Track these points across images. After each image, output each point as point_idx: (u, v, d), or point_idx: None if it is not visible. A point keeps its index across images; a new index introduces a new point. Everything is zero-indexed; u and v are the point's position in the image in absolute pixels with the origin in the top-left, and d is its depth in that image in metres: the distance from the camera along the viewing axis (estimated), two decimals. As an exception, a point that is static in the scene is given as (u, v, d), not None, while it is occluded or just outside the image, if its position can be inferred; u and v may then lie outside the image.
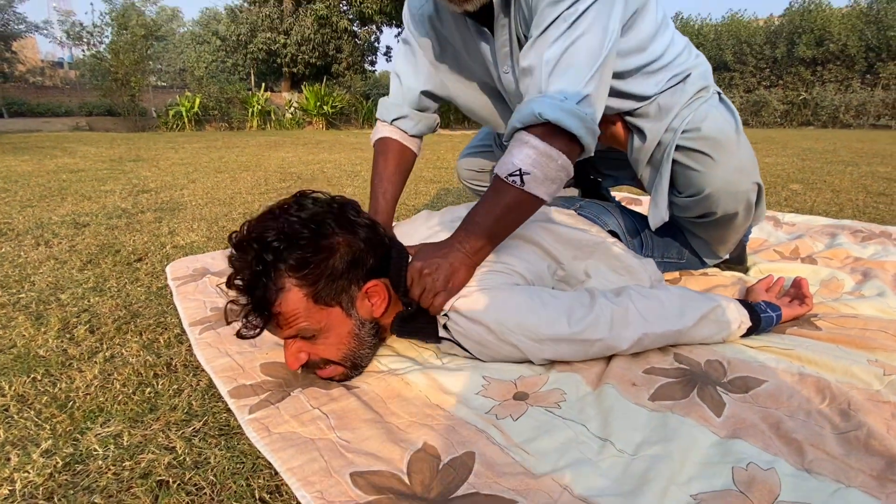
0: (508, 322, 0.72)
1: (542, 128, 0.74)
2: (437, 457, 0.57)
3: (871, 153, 4.73)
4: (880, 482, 0.52)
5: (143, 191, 2.61)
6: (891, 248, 1.36)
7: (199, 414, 0.69)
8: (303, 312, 0.68)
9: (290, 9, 16.05)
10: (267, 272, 0.66)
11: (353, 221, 0.73)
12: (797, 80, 13.52)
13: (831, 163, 3.90)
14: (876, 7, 12.67)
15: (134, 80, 11.29)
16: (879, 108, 12.18)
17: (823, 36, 12.97)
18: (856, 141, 6.73)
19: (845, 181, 2.89)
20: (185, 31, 29.22)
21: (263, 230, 0.67)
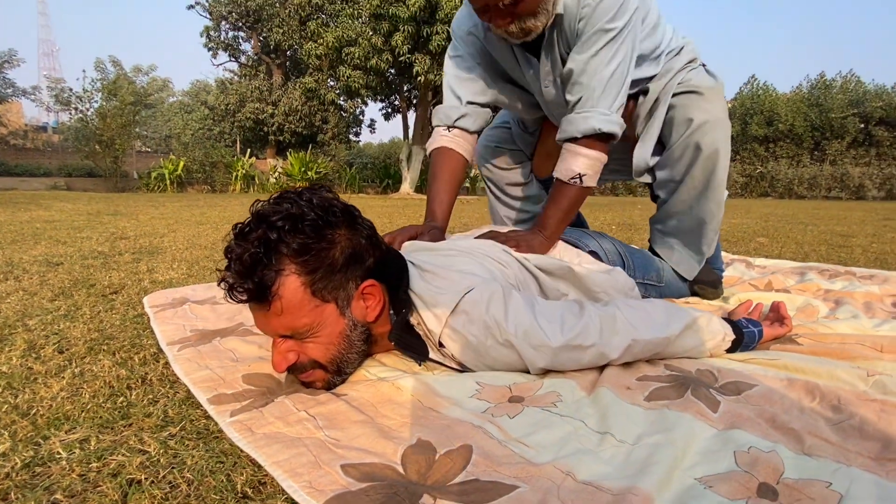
0: (509, 320, 0.72)
1: (592, 138, 1.02)
2: (433, 449, 0.55)
3: (827, 217, 5.05)
4: (879, 462, 0.51)
5: (122, 237, 2.57)
6: (857, 283, 1.42)
7: (175, 420, 0.65)
8: (298, 304, 0.67)
9: (279, 82, 16.89)
10: (268, 252, 0.65)
11: (357, 219, 0.74)
12: (753, 156, 14.60)
13: (792, 223, 4.14)
14: (815, 93, 14.08)
15: (119, 142, 11.43)
16: (829, 181, 13.15)
17: (772, 117, 14.23)
18: (811, 209, 7.19)
19: (807, 236, 3.06)
20: (174, 101, 30.16)
21: (271, 212, 0.67)
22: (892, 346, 0.84)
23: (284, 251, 0.66)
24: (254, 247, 0.65)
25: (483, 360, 0.74)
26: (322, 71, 12.66)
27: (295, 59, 17.27)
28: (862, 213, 5.90)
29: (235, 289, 0.65)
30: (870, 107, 13.41)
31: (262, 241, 0.65)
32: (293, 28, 13.69)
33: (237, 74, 18.38)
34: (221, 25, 17.14)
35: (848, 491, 0.46)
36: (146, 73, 28.78)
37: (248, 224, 0.68)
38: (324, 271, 0.68)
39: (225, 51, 17.71)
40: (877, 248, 2.49)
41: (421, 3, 9.64)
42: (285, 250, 0.66)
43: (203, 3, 16.71)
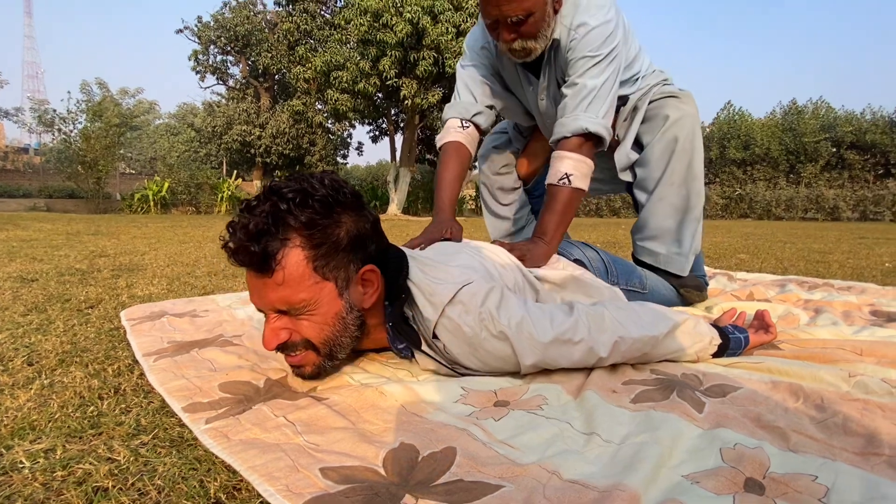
0: (502, 313, 0.72)
1: (580, 138, 1.11)
2: (416, 451, 0.53)
3: (805, 236, 5.18)
4: (863, 457, 0.51)
5: (101, 255, 2.52)
6: (835, 294, 1.45)
7: (147, 429, 0.62)
8: (298, 277, 0.66)
9: (266, 105, 16.99)
10: (276, 221, 0.65)
11: (364, 205, 0.75)
12: (732, 178, 15.00)
13: (771, 241, 4.23)
14: (788, 118, 14.61)
15: (102, 163, 11.32)
16: (805, 202, 13.53)
17: (749, 141, 14.69)
18: (789, 229, 7.37)
19: (786, 252, 3.12)
20: (160, 123, 30.09)
21: (283, 186, 0.68)
22: (872, 349, 0.85)
23: (292, 223, 0.66)
24: (261, 217, 0.65)
25: (476, 353, 0.73)
26: (310, 94, 12.80)
27: (283, 83, 17.44)
28: (837, 232, 6.06)
29: (239, 251, 0.65)
30: (840, 131, 13.94)
31: (270, 212, 0.66)
32: (282, 52, 13.86)
33: (225, 97, 18.44)
34: (210, 49, 17.28)
35: (834, 484, 0.46)
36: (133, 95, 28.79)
37: (258, 197, 0.68)
38: (328, 248, 0.68)
39: (213, 74, 17.81)
40: (853, 263, 2.55)
41: (408, 29, 9.87)
42: (293, 222, 0.66)
43: (192, 27, 16.87)
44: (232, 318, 1.18)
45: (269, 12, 16.89)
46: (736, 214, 14.25)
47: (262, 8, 17.26)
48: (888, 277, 2.00)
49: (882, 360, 0.82)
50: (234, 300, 1.36)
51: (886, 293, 1.48)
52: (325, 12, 13.35)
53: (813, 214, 13.30)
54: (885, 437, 0.54)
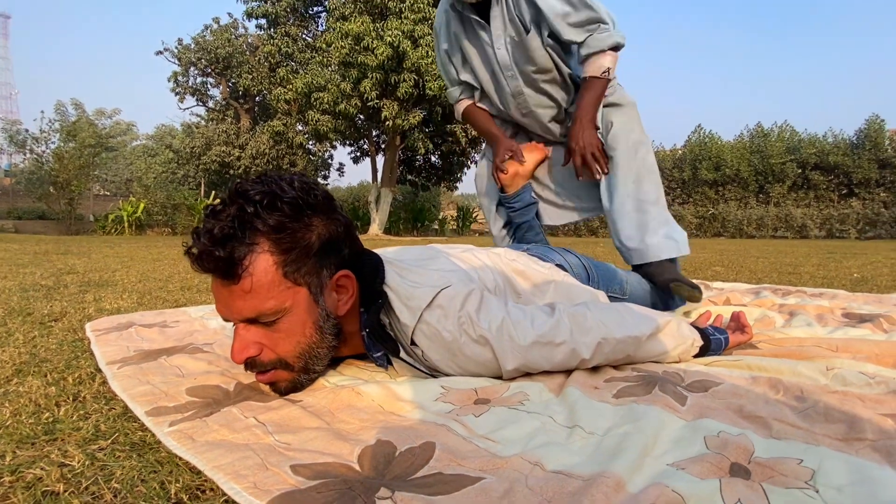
0: (481, 317, 0.70)
1: (613, 51, 1.26)
2: (393, 447, 0.51)
3: (776, 252, 5.33)
4: (847, 442, 0.51)
5: (70, 272, 2.43)
6: (808, 299, 1.48)
7: (106, 434, 0.58)
8: (268, 283, 0.63)
9: (247, 126, 16.93)
10: (243, 225, 0.62)
11: (337, 207, 0.72)
12: (704, 199, 15.43)
13: (745, 256, 4.34)
14: (756, 141, 15.20)
15: (75, 184, 11.04)
16: (775, 221, 13.98)
17: (720, 162, 15.19)
18: (761, 245, 7.59)
19: (759, 265, 3.20)
20: (137, 144, 29.63)
21: (249, 187, 0.64)
22: (847, 346, 0.86)
23: (259, 227, 0.63)
24: (227, 221, 0.62)
25: (455, 359, 0.71)
26: (291, 115, 12.81)
27: (263, 104, 17.43)
28: (807, 249, 6.25)
29: (203, 256, 0.61)
30: (805, 153, 14.55)
31: (236, 215, 0.62)
32: (263, 74, 13.90)
33: (204, 118, 18.33)
34: (190, 71, 17.23)
35: (820, 466, 0.45)
36: (110, 116, 28.37)
37: (224, 201, 0.65)
38: (298, 253, 0.65)
39: (192, 95, 17.71)
40: (823, 273, 2.62)
41: (388, 52, 10.03)
42: (260, 226, 0.63)
43: (172, 49, 16.84)
44: (204, 327, 1.14)
45: (250, 35, 16.98)
46: (710, 233, 14.62)
47: (244, 31, 17.36)
48: (857, 286, 2.06)
49: (857, 355, 0.83)
50: (208, 311, 1.31)
51: (857, 298, 1.52)
52: (307, 35, 13.49)
53: (783, 232, 13.74)
54: (867, 424, 0.54)
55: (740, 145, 15.39)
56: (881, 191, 13.69)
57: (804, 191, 14.69)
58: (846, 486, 0.43)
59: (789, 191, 14.78)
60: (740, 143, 15.54)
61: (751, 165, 14.92)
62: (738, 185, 15.13)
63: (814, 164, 14.53)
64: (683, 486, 0.41)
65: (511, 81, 1.37)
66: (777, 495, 0.42)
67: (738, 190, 15.14)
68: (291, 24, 12.91)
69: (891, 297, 1.54)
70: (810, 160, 14.49)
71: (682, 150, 16.50)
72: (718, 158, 15.25)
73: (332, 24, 10.83)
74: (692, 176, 15.62)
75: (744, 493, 0.42)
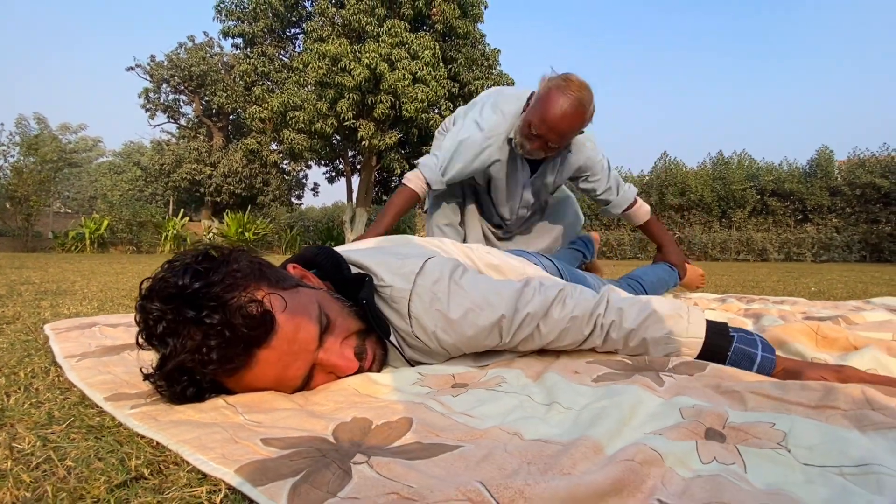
0: (468, 279, 0.72)
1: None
2: (369, 421, 0.49)
3: (739, 271, 5.53)
4: (818, 409, 0.52)
5: (25, 283, 2.30)
6: (770, 305, 1.53)
7: (61, 420, 0.55)
8: (295, 303, 0.61)
9: (219, 144, 16.70)
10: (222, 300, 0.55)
11: None
12: (671, 223, 15.96)
13: (710, 274, 4.48)
14: (717, 168, 15.91)
15: (34, 199, 10.59)
16: (737, 245, 14.55)
17: (685, 188, 15.80)
18: (725, 267, 7.86)
19: (724, 281, 3.31)
20: (103, 161, 28.73)
21: (182, 283, 0.55)
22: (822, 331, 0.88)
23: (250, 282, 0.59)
24: (214, 322, 0.53)
25: (451, 325, 0.70)
26: (265, 133, 12.71)
27: (237, 122, 17.27)
28: (767, 269, 6.52)
29: (230, 342, 0.54)
30: (763, 180, 15.30)
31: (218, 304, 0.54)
32: (238, 93, 13.82)
33: (175, 136, 17.98)
34: (162, 88, 16.98)
35: (791, 429, 0.46)
36: (75, 131, 27.52)
37: (167, 325, 0.54)
38: (268, 271, 0.63)
39: (164, 112, 17.41)
40: (783, 288, 2.73)
41: (366, 74, 10.15)
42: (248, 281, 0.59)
43: (144, 65, 16.59)
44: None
45: (225, 54, 16.93)
46: (678, 256, 15.05)
47: (220, 49, 17.29)
48: (815, 296, 2.15)
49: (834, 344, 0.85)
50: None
51: (815, 304, 1.58)
52: (284, 56, 13.53)
53: (745, 256, 14.29)
54: (841, 394, 0.54)
55: (703, 172, 16.07)
56: (833, 216, 14.45)
57: (763, 216, 15.37)
58: (817, 446, 0.43)
59: (749, 216, 15.45)
60: (703, 169, 16.23)
61: (713, 191, 15.56)
62: (703, 209, 15.74)
63: (771, 191, 15.27)
64: (661, 444, 0.42)
65: (521, 210, 1.66)
66: (751, 455, 0.43)
67: (702, 214, 15.74)
68: (268, 44, 12.95)
69: (846, 303, 1.61)
70: (768, 187, 15.23)
71: (649, 176, 17.12)
72: (683, 184, 15.86)
73: (310, 45, 10.92)
74: (659, 201, 16.17)
75: (719, 452, 0.42)
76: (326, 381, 0.64)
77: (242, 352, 0.55)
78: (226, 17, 12.83)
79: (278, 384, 0.60)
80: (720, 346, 0.71)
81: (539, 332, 0.73)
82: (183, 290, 0.54)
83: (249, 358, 0.56)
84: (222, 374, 0.56)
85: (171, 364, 0.54)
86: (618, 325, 0.72)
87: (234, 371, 0.56)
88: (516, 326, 0.71)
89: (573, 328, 0.72)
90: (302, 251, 0.77)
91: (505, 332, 0.72)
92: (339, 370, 0.63)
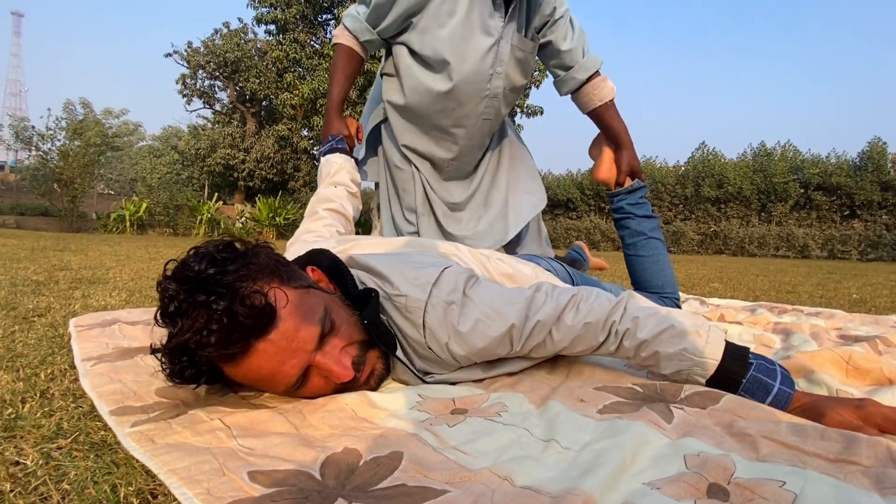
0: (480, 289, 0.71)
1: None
2: (359, 456, 0.49)
3: (776, 270, 5.30)
4: (836, 464, 0.49)
5: (63, 269, 2.41)
6: (804, 318, 1.45)
7: (68, 433, 0.56)
8: (296, 301, 0.62)
9: (252, 130, 17.03)
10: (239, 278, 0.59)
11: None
12: (706, 215, 15.42)
13: (745, 274, 4.31)
14: (759, 160, 15.21)
15: (79, 182, 11.08)
16: (777, 240, 13.95)
17: (722, 180, 15.20)
18: (762, 264, 7.55)
19: (758, 283, 3.17)
20: (143, 145, 29.80)
21: (196, 266, 0.59)
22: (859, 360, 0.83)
23: (254, 277, 0.60)
24: (216, 306, 0.56)
25: (462, 337, 0.69)
26: (296, 120, 12.87)
27: (270, 109, 17.55)
28: (807, 268, 6.22)
29: (227, 328, 0.55)
30: (808, 173, 14.55)
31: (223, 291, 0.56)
32: (270, 79, 14.01)
33: (210, 121, 18.44)
34: (198, 74, 17.38)
35: (802, 490, 0.43)
36: (117, 116, 28.58)
37: (179, 308, 0.57)
38: (285, 269, 0.65)
39: (200, 98, 17.84)
40: (821, 293, 2.60)
41: (395, 61, 10.10)
42: (254, 275, 0.60)
43: (181, 52, 16.99)
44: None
45: (259, 40, 17.15)
46: (711, 250, 14.59)
47: (253, 36, 17.54)
48: (855, 306, 2.03)
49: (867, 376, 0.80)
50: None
51: (854, 318, 1.49)
52: (315, 42, 13.61)
53: (784, 252, 13.70)
54: (864, 447, 0.50)
55: (743, 164, 15.40)
56: (883, 213, 13.65)
57: (806, 211, 14.67)
58: (829, 513, 0.40)
59: (791, 210, 14.77)
60: (743, 161, 15.56)
61: (753, 184, 14.92)
62: (741, 203, 15.12)
63: (816, 185, 14.53)
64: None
65: (495, 80, 1.24)
66: (756, 520, 0.40)
67: (740, 208, 15.13)
68: (300, 30, 13.05)
69: (888, 318, 1.52)
70: (813, 180, 14.49)
71: (685, 166, 16.53)
72: (721, 176, 15.25)
73: (341, 31, 10.93)
74: (694, 193, 15.62)
75: (720, 516, 0.40)
76: (321, 387, 0.64)
77: (240, 339, 0.57)
78: (259, 3, 12.97)
79: (273, 378, 0.61)
80: (735, 372, 0.68)
81: (551, 338, 0.71)
82: (199, 275, 0.58)
83: (247, 347, 0.58)
84: (219, 358, 0.58)
85: (175, 342, 0.57)
86: (632, 334, 0.69)
87: (231, 357, 0.58)
88: (527, 334, 0.70)
89: (587, 334, 0.71)
90: (310, 255, 0.77)
91: (516, 341, 0.71)
92: (334, 376, 0.63)
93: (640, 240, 1.29)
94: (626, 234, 1.32)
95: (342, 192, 1.20)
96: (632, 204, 1.32)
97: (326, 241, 0.92)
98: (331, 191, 1.20)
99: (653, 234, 1.29)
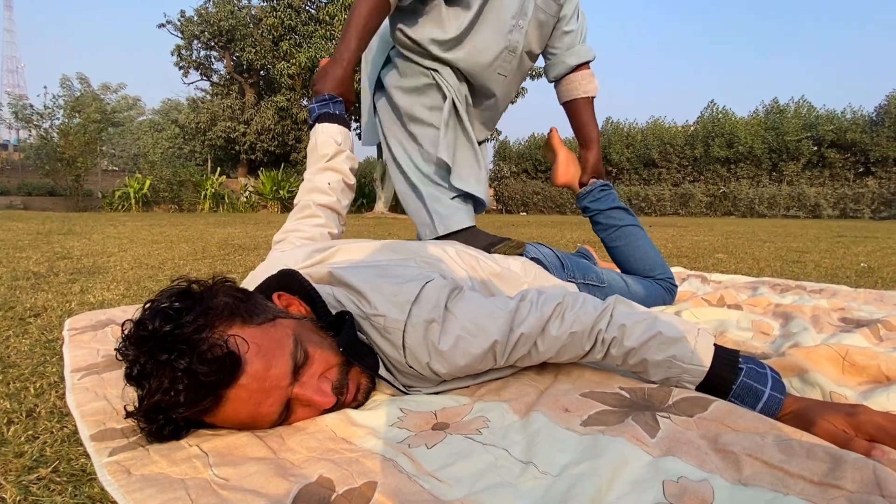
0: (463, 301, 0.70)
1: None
2: (331, 488, 0.48)
3: (785, 234, 5.22)
4: (821, 488, 0.48)
5: (64, 257, 2.43)
6: (806, 297, 1.43)
7: (49, 460, 0.57)
8: (263, 336, 0.60)
9: (251, 101, 16.76)
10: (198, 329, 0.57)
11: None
12: (716, 176, 15.13)
13: (751, 240, 4.25)
14: (771, 117, 14.76)
15: (81, 160, 11.06)
16: (787, 200, 13.72)
17: (733, 139, 14.82)
18: (771, 227, 7.44)
19: (764, 252, 3.13)
20: (143, 119, 29.51)
21: (153, 326, 0.56)
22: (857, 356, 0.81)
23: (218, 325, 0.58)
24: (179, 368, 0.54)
25: (442, 354, 0.68)
26: (295, 90, 12.62)
27: (268, 79, 17.20)
28: (817, 230, 6.12)
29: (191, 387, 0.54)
30: (822, 130, 14.12)
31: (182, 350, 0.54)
32: (266, 48, 13.66)
33: (209, 93, 18.14)
34: (193, 45, 16.97)
35: (778, 523, 0.42)
36: (115, 90, 28.22)
37: (145, 375, 0.56)
38: (245, 304, 0.63)
39: (196, 70, 17.48)
40: (829, 263, 2.55)
41: (393, 25, 9.78)
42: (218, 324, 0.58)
43: (175, 22, 16.55)
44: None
45: (253, 7, 16.63)
46: (720, 212, 14.40)
47: (247, 3, 16.99)
48: (862, 278, 2.00)
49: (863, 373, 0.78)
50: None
51: (858, 296, 1.47)
52: (310, 8, 13.17)
53: (795, 212, 13.50)
54: (850, 469, 0.49)
55: (755, 121, 14.97)
56: (899, 169, 13.31)
57: (819, 169, 14.33)
58: (805, 551, 0.39)
59: (803, 169, 14.44)
60: (755, 119, 15.11)
61: (765, 143, 14.54)
62: (751, 162, 14.79)
63: (830, 142, 14.13)
64: (625, 551, 0.39)
65: (515, 33, 1.18)
66: (728, 559, 0.39)
67: (750, 168, 14.81)
68: (294, -5, 12.61)
69: (893, 294, 1.49)
70: (827, 137, 14.08)
71: (695, 126, 16.11)
72: (731, 135, 14.87)
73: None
74: (704, 153, 15.29)
75: (691, 558, 0.39)
76: (310, 414, 0.64)
77: (209, 394, 0.56)
78: (251, -33, 12.49)
79: (253, 420, 0.60)
80: (725, 379, 0.66)
81: (536, 349, 0.71)
82: (155, 334, 0.56)
83: (218, 398, 0.57)
84: (194, 414, 0.57)
85: (147, 404, 0.56)
86: (619, 342, 0.68)
87: (205, 412, 0.57)
88: (511, 348, 0.69)
89: (573, 344, 0.70)
90: (280, 278, 0.75)
91: (499, 356, 0.70)
92: (316, 405, 0.63)
93: (612, 231, 1.29)
94: (599, 228, 1.33)
95: (338, 183, 1.11)
96: (596, 199, 1.31)
97: (308, 246, 0.90)
98: (326, 178, 1.10)
99: (625, 223, 1.29)
